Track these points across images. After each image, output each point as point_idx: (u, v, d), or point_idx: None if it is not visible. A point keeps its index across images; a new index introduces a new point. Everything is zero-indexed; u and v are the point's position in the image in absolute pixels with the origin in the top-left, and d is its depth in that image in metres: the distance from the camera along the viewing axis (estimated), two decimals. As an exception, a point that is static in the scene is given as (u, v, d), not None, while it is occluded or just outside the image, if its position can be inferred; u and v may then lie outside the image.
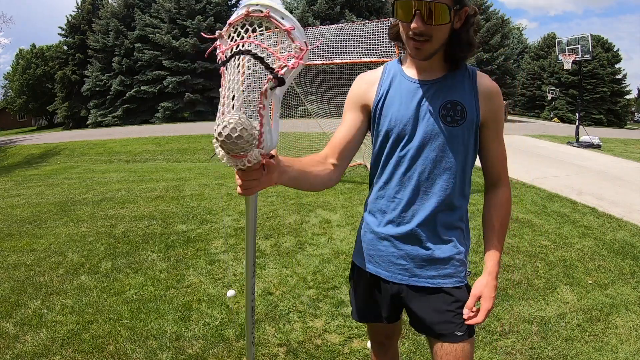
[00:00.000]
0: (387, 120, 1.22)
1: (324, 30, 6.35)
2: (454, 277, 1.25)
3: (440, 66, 1.20)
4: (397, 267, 1.27)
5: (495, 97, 1.22)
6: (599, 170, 7.88)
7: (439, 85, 1.19)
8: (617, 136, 16.41)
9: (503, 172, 1.29)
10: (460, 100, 1.18)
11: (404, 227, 1.24)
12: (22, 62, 36.85)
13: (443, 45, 1.14)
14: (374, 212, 1.31)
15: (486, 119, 1.21)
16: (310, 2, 23.08)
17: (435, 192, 1.22)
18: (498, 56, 24.19)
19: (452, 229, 1.26)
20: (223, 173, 7.86)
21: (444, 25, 1.08)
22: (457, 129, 1.18)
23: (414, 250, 1.24)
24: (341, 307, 2.72)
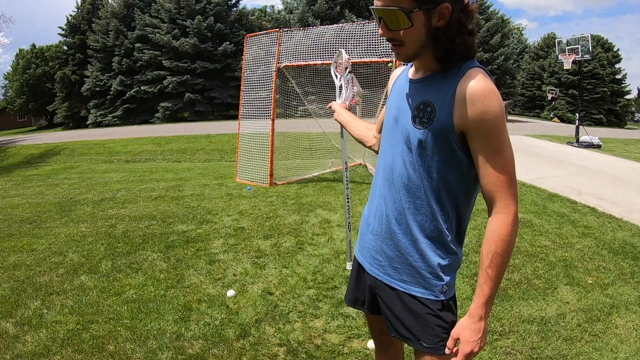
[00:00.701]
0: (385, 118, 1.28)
1: (324, 30, 6.35)
2: (426, 289, 1.18)
3: (432, 65, 1.14)
4: (375, 261, 1.28)
5: (475, 101, 1.03)
6: (599, 170, 7.88)
7: (421, 85, 1.16)
8: (617, 136, 16.41)
9: (498, 193, 1.06)
10: (432, 101, 1.10)
11: (383, 223, 1.24)
12: (22, 62, 36.86)
13: (424, 45, 1.09)
14: (369, 204, 1.34)
15: (467, 126, 1.05)
16: (310, 2, 23.08)
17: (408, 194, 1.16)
18: (498, 56, 24.18)
19: (430, 239, 1.16)
20: (223, 173, 7.86)
21: (409, 29, 1.05)
22: (423, 132, 1.10)
23: (389, 249, 1.23)
24: (341, 307, 2.72)
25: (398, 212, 1.19)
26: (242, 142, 6.97)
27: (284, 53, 6.41)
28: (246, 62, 6.87)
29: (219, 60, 25.17)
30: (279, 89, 6.64)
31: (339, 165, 7.62)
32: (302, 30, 6.54)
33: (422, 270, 1.18)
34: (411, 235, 1.18)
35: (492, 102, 1.03)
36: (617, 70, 30.51)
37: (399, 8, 1.02)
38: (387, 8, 1.03)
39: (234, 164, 7.41)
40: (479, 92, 1.03)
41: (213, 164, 9.51)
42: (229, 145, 11.74)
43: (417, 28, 1.05)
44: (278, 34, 6.44)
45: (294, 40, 6.41)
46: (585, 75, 26.92)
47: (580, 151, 10.63)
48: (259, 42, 6.73)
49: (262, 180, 6.51)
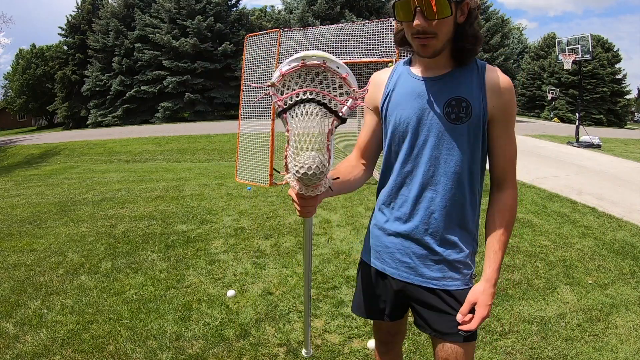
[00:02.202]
0: (392, 119, 1.23)
1: (324, 30, 6.35)
2: (458, 279, 1.22)
3: (447, 62, 1.17)
4: (403, 264, 1.26)
5: (505, 91, 1.15)
6: (599, 170, 7.88)
7: (444, 82, 1.17)
8: (617, 136, 16.41)
9: (510, 172, 1.22)
10: (466, 96, 1.14)
11: (409, 224, 1.23)
12: (22, 62, 36.87)
13: (449, 40, 1.12)
14: (382, 209, 1.31)
15: (494, 115, 1.16)
16: (310, 2, 23.09)
17: (439, 191, 1.19)
18: (498, 56, 24.20)
19: (459, 230, 1.22)
20: (223, 173, 7.86)
21: (447, 19, 1.06)
22: (462, 127, 1.15)
23: (419, 249, 1.23)
24: (341, 307, 2.72)
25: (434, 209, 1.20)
26: (242, 142, 6.97)
27: (284, 53, 6.41)
28: (246, 62, 6.87)
29: (219, 60, 25.17)
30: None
31: (339, 165, 7.61)
32: (302, 30, 6.54)
33: (456, 263, 1.21)
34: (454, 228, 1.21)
35: (514, 94, 1.18)
36: (617, 70, 30.50)
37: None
38: None
39: (234, 164, 7.41)
40: (508, 84, 1.16)
41: (213, 164, 9.51)
42: (229, 145, 11.74)
43: (450, 20, 1.08)
44: (278, 34, 6.44)
45: (294, 40, 6.41)
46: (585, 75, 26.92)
47: (580, 151, 10.62)
48: (259, 42, 6.73)
49: (262, 180, 6.51)
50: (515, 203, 1.23)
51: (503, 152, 1.20)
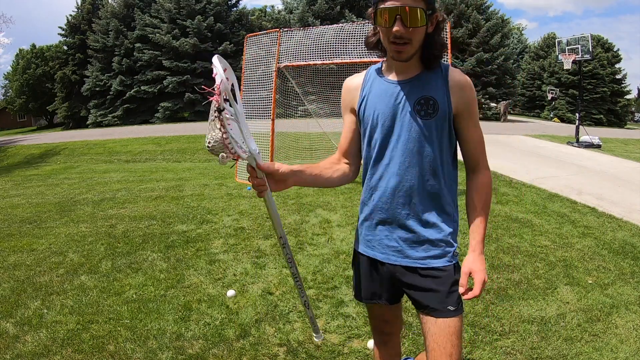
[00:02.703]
0: (369, 120, 1.36)
1: (324, 30, 6.35)
2: (442, 257, 1.34)
3: (416, 66, 1.32)
4: (390, 249, 1.39)
5: (465, 89, 1.31)
6: (599, 170, 7.88)
7: (413, 84, 1.31)
8: (617, 136, 16.40)
9: (482, 156, 1.38)
10: (433, 95, 1.29)
11: (392, 212, 1.36)
12: (22, 62, 36.85)
13: (419, 47, 1.27)
14: (366, 202, 1.44)
15: (459, 110, 1.31)
16: (310, 2, 23.08)
17: (416, 180, 1.33)
18: (498, 56, 24.16)
19: (437, 212, 1.35)
20: (223, 173, 7.86)
21: (421, 27, 1.22)
22: (430, 122, 1.30)
23: (404, 233, 1.36)
24: (341, 307, 2.72)
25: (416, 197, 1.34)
26: (242, 142, 6.96)
27: (284, 53, 6.41)
28: (246, 62, 6.87)
29: (219, 60, 25.15)
30: (279, 89, 6.63)
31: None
32: (302, 30, 6.53)
33: (438, 242, 1.34)
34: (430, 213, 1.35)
35: (473, 90, 1.34)
36: (617, 70, 30.48)
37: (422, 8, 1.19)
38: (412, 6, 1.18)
39: (234, 163, 7.41)
40: (465, 81, 1.31)
41: (213, 164, 9.51)
42: (229, 145, 11.73)
43: (423, 30, 1.24)
44: (278, 34, 6.44)
45: (294, 40, 6.41)
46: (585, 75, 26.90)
47: (580, 151, 10.62)
48: (259, 42, 6.73)
49: (262, 180, 6.50)
50: (490, 181, 1.39)
51: (472, 140, 1.36)
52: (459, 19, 24.42)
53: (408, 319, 2.58)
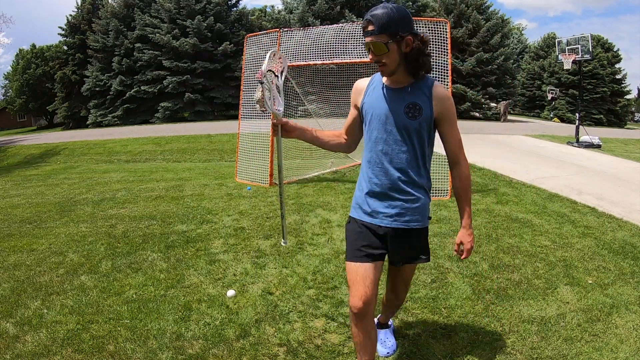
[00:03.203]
0: (369, 116, 1.81)
1: (324, 30, 6.35)
2: (419, 221, 1.84)
3: (405, 78, 1.73)
4: (384, 215, 1.82)
5: (445, 100, 1.73)
6: (599, 170, 7.88)
7: (405, 92, 1.74)
8: (617, 136, 16.40)
9: (460, 152, 1.83)
10: (419, 102, 1.72)
11: (385, 186, 1.80)
12: (22, 62, 36.86)
13: (399, 64, 1.67)
14: (365, 179, 1.87)
15: (440, 116, 1.75)
16: (310, 2, 23.07)
17: (402, 163, 1.77)
18: (498, 56, 24.15)
19: (417, 188, 1.81)
20: (223, 173, 7.86)
21: (386, 54, 1.64)
22: (416, 122, 1.73)
23: (393, 202, 1.81)
24: (341, 307, 2.72)
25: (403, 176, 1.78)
26: (242, 142, 6.97)
27: (284, 53, 6.40)
28: (246, 62, 6.87)
29: (219, 60, 25.15)
30: (279, 89, 6.62)
31: (339, 165, 7.63)
32: (302, 30, 6.54)
33: (420, 210, 1.83)
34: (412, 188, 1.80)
35: (452, 101, 1.77)
36: (617, 70, 30.47)
37: (380, 41, 1.62)
38: (374, 41, 1.63)
39: (234, 164, 7.41)
40: (447, 95, 1.75)
41: (213, 164, 9.51)
42: (229, 145, 11.74)
43: (392, 53, 1.64)
44: (278, 34, 6.44)
45: (294, 40, 6.41)
46: (585, 75, 26.91)
47: (580, 151, 10.63)
48: (259, 42, 6.73)
49: (262, 180, 6.51)
50: (469, 171, 1.86)
51: (452, 140, 1.81)
52: (459, 19, 24.41)
53: (407, 319, 2.58)
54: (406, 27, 1.63)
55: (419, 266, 3.34)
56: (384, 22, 1.61)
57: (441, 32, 5.58)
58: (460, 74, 23.67)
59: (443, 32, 5.58)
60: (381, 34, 1.61)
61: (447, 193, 5.52)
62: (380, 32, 1.62)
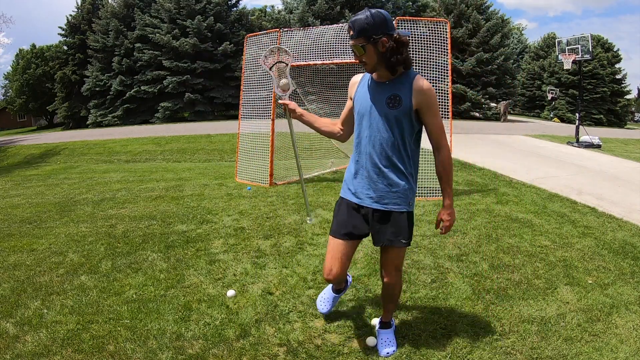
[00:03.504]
0: (358, 106, 2.06)
1: (324, 30, 6.35)
2: (401, 205, 2.02)
3: (386, 73, 1.95)
4: (367, 196, 2.04)
5: (425, 92, 1.92)
6: (599, 170, 7.88)
7: (387, 85, 1.97)
8: (617, 136, 16.41)
9: (441, 138, 2.00)
10: (399, 93, 1.93)
11: (370, 170, 2.02)
12: (22, 62, 36.86)
13: (378, 62, 1.90)
14: (353, 162, 2.10)
15: (420, 107, 1.94)
16: (310, 2, 23.07)
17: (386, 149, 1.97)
18: (498, 56, 24.15)
19: (399, 174, 2.00)
20: (223, 173, 7.86)
21: (364, 55, 1.89)
22: (396, 111, 1.94)
23: (376, 185, 2.01)
24: (341, 307, 2.72)
25: (383, 161, 1.98)
26: (242, 142, 6.97)
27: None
28: (246, 62, 6.87)
29: (219, 60, 25.14)
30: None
31: (339, 165, 7.62)
32: (302, 30, 6.53)
33: (400, 194, 2.01)
34: (393, 173, 1.99)
35: (433, 92, 1.94)
36: (617, 70, 30.47)
37: (358, 44, 1.88)
38: (354, 44, 1.90)
39: (234, 164, 7.42)
40: (427, 87, 1.93)
41: (213, 164, 9.51)
42: (229, 145, 11.74)
43: (370, 53, 1.89)
44: (278, 34, 6.44)
45: (294, 40, 6.41)
46: (585, 75, 26.91)
47: (580, 151, 10.63)
48: (259, 42, 6.73)
49: (262, 180, 6.51)
50: (450, 155, 2.04)
51: (433, 128, 1.98)
52: (459, 19, 24.41)
53: (407, 319, 2.58)
54: (381, 30, 1.84)
55: (419, 266, 3.35)
56: (360, 27, 1.85)
57: (441, 32, 5.58)
58: (460, 74, 23.67)
59: (443, 32, 5.58)
60: (358, 37, 1.86)
61: (447, 193, 5.52)
62: (357, 36, 1.87)
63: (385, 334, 2.33)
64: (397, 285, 2.20)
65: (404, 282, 3.07)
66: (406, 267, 3.33)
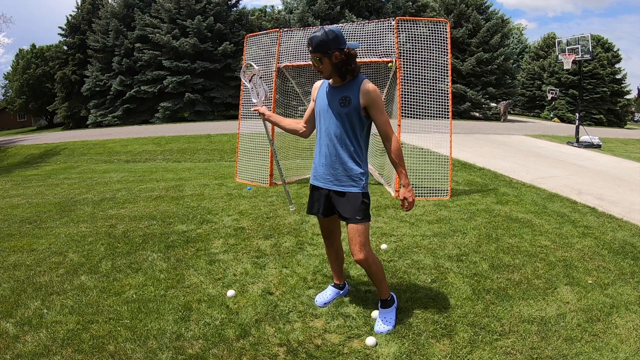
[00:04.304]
0: (317, 106, 2.47)
1: (324, 30, 6.33)
2: (356, 186, 2.38)
3: (339, 80, 2.37)
4: (327, 180, 2.45)
5: (370, 92, 2.29)
6: (599, 170, 7.88)
7: (339, 89, 2.37)
8: (617, 136, 16.41)
9: (388, 130, 2.35)
10: (349, 95, 2.32)
11: (327, 158, 2.41)
12: (22, 62, 36.88)
13: (332, 71, 2.31)
14: (316, 152, 2.50)
15: (367, 105, 2.31)
16: (310, 2, 23.07)
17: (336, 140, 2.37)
18: (498, 56, 24.16)
19: (352, 160, 2.37)
20: (223, 173, 7.86)
21: (320, 66, 2.30)
22: (346, 109, 2.32)
23: (333, 170, 2.41)
24: (341, 307, 2.72)
25: (338, 150, 2.37)
26: (242, 142, 6.98)
27: (284, 53, 6.41)
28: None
29: (219, 60, 25.15)
30: (279, 89, 6.64)
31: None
32: (302, 30, 6.53)
33: (353, 177, 2.38)
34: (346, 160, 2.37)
35: (377, 93, 2.32)
36: (617, 70, 30.48)
37: (315, 57, 2.28)
38: (312, 57, 2.30)
39: (234, 164, 7.41)
40: (372, 89, 2.31)
41: (213, 164, 9.51)
42: (229, 145, 11.75)
43: (325, 64, 2.29)
44: (278, 34, 6.44)
45: (294, 40, 6.41)
46: (585, 75, 26.92)
47: (580, 151, 10.63)
48: (259, 42, 6.73)
49: (262, 180, 6.51)
50: (398, 143, 2.38)
51: (380, 122, 2.35)
52: (459, 19, 24.42)
53: (407, 319, 2.58)
54: (333, 45, 2.22)
55: (419, 266, 3.34)
56: (317, 43, 2.24)
57: (441, 32, 5.58)
58: (460, 74, 23.67)
59: (443, 32, 5.58)
60: (315, 52, 2.26)
61: (447, 193, 5.52)
62: (315, 51, 2.26)
63: (384, 313, 2.53)
64: (370, 263, 2.41)
65: (404, 282, 3.07)
66: (406, 267, 3.34)
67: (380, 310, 2.55)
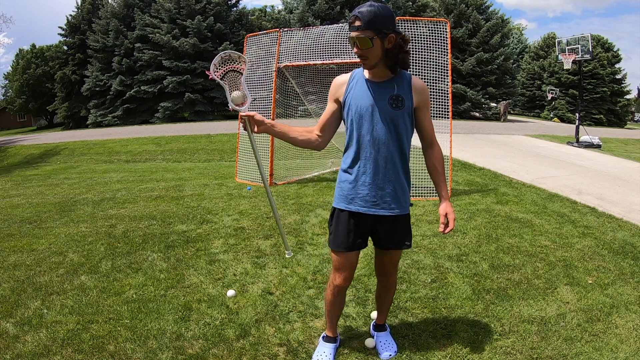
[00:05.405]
0: (353, 108, 1.89)
1: (324, 30, 6.34)
2: (400, 208, 1.96)
3: (384, 72, 1.86)
4: (370, 203, 1.93)
5: (422, 91, 1.90)
6: (599, 170, 7.88)
7: (385, 85, 1.87)
8: (617, 136, 16.40)
9: (434, 135, 2.00)
10: (401, 94, 1.85)
11: (372, 176, 1.90)
12: (22, 62, 36.88)
13: (380, 59, 1.79)
14: (348, 170, 1.96)
15: (418, 105, 1.90)
16: (310, 2, 23.08)
17: (390, 153, 1.89)
18: (498, 56, 24.16)
19: (401, 177, 1.94)
20: (223, 173, 7.86)
21: (370, 48, 1.75)
22: (400, 112, 1.86)
23: (378, 191, 1.91)
24: (341, 307, 2.72)
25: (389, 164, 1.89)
26: (242, 142, 6.98)
27: (284, 53, 6.41)
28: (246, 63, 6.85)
29: (219, 60, 25.14)
30: (279, 89, 6.64)
31: (339, 165, 7.61)
32: (302, 30, 6.53)
33: (402, 198, 1.96)
34: (400, 174, 1.93)
35: (427, 92, 1.93)
36: (617, 70, 30.48)
37: (366, 36, 1.73)
38: (360, 36, 1.74)
39: (234, 164, 7.42)
40: (424, 86, 1.91)
41: (213, 164, 9.51)
42: (229, 145, 11.74)
43: (376, 48, 1.75)
44: (278, 34, 6.44)
45: (294, 40, 6.41)
46: (585, 75, 26.91)
47: (580, 151, 10.63)
48: (259, 42, 6.73)
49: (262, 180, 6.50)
50: (441, 151, 2.04)
51: (428, 125, 1.97)
52: (459, 19, 24.42)
53: (407, 319, 2.58)
54: (390, 25, 1.75)
55: (418, 266, 3.35)
56: (370, 18, 1.72)
57: (441, 32, 5.58)
58: (460, 74, 23.67)
59: (443, 32, 5.58)
60: (367, 29, 1.73)
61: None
62: (366, 28, 1.73)
63: (383, 337, 2.33)
64: (395, 283, 2.24)
65: (404, 282, 3.07)
66: (406, 267, 3.34)
67: (378, 334, 2.34)
